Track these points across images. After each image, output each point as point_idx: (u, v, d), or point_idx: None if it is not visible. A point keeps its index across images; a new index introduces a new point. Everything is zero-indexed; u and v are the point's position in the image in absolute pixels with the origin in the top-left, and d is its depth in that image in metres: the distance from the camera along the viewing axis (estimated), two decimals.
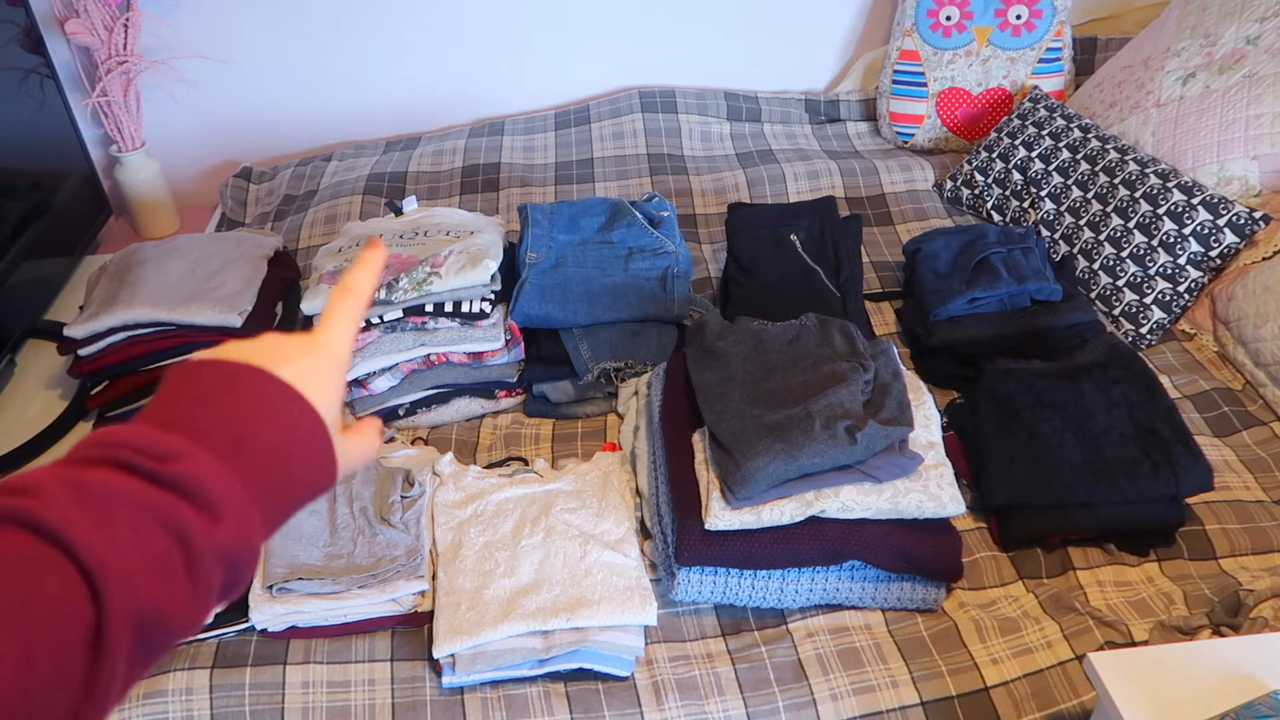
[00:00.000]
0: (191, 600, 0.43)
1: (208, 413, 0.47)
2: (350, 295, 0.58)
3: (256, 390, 0.49)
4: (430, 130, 2.33)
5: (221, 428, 0.47)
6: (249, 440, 0.47)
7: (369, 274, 0.59)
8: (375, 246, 0.60)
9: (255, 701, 1.12)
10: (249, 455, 0.47)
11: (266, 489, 0.47)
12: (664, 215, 1.67)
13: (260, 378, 0.49)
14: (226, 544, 0.44)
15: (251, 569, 0.47)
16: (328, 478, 0.52)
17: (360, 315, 0.58)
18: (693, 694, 1.12)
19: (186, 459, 0.44)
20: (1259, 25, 1.73)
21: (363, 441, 0.57)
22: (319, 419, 0.51)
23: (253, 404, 0.48)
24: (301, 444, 0.50)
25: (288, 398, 0.50)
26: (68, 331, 1.52)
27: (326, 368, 0.53)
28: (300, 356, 0.52)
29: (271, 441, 0.48)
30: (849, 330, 1.37)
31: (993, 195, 1.93)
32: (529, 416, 1.54)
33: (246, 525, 0.46)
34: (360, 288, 0.58)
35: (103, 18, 1.96)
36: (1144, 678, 0.86)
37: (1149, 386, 1.34)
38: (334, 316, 0.57)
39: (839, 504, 1.16)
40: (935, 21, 2.13)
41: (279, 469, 0.48)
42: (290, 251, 1.92)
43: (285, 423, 0.49)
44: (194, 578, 0.43)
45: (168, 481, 0.43)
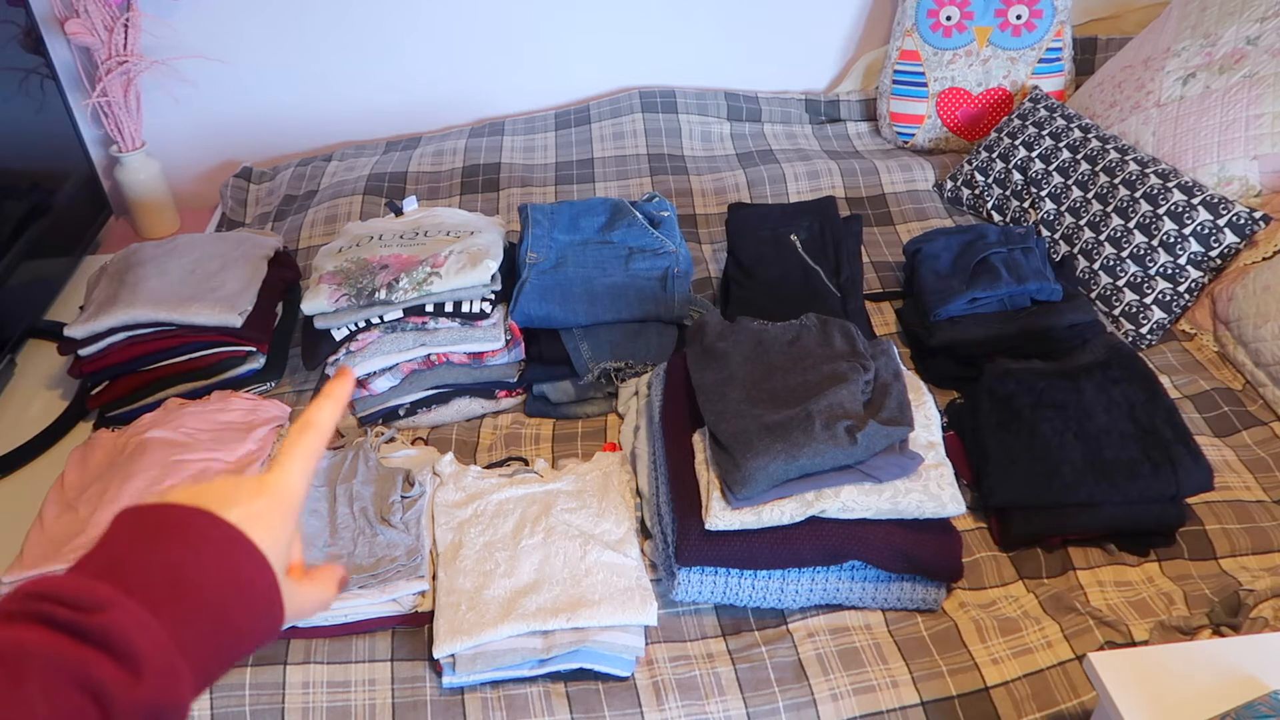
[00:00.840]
0: None
1: (144, 559, 0.46)
2: (310, 431, 0.55)
3: (198, 534, 0.47)
4: (430, 130, 2.33)
5: (157, 575, 0.45)
6: (185, 587, 0.45)
7: (333, 407, 0.57)
8: (343, 377, 0.58)
9: (255, 702, 1.12)
10: (184, 603, 0.45)
11: (201, 639, 0.45)
12: (664, 215, 1.67)
13: (204, 520, 0.48)
14: (149, 700, 0.42)
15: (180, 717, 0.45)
16: (272, 624, 0.50)
17: (321, 450, 0.56)
18: (693, 694, 1.12)
19: (111, 610, 0.42)
20: (1259, 25, 1.73)
21: (318, 590, 0.55)
22: (264, 564, 0.49)
23: (193, 549, 0.47)
24: (244, 591, 0.48)
25: (231, 542, 0.48)
26: (68, 332, 1.52)
27: (277, 510, 0.51)
28: (249, 499, 0.50)
29: (210, 588, 0.46)
30: (849, 330, 1.37)
31: (993, 195, 1.93)
32: (529, 417, 1.54)
33: (172, 680, 0.44)
34: (322, 422, 0.56)
35: (103, 18, 1.96)
36: (1144, 678, 0.86)
37: (1149, 386, 1.34)
38: (290, 454, 0.54)
39: (839, 504, 1.16)
40: (935, 21, 2.13)
41: (217, 617, 0.46)
42: (290, 252, 1.92)
43: (227, 569, 0.47)
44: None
45: (90, 635, 0.42)
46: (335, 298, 1.47)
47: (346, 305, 1.47)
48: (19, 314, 1.80)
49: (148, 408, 1.52)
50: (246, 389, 1.58)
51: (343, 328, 1.48)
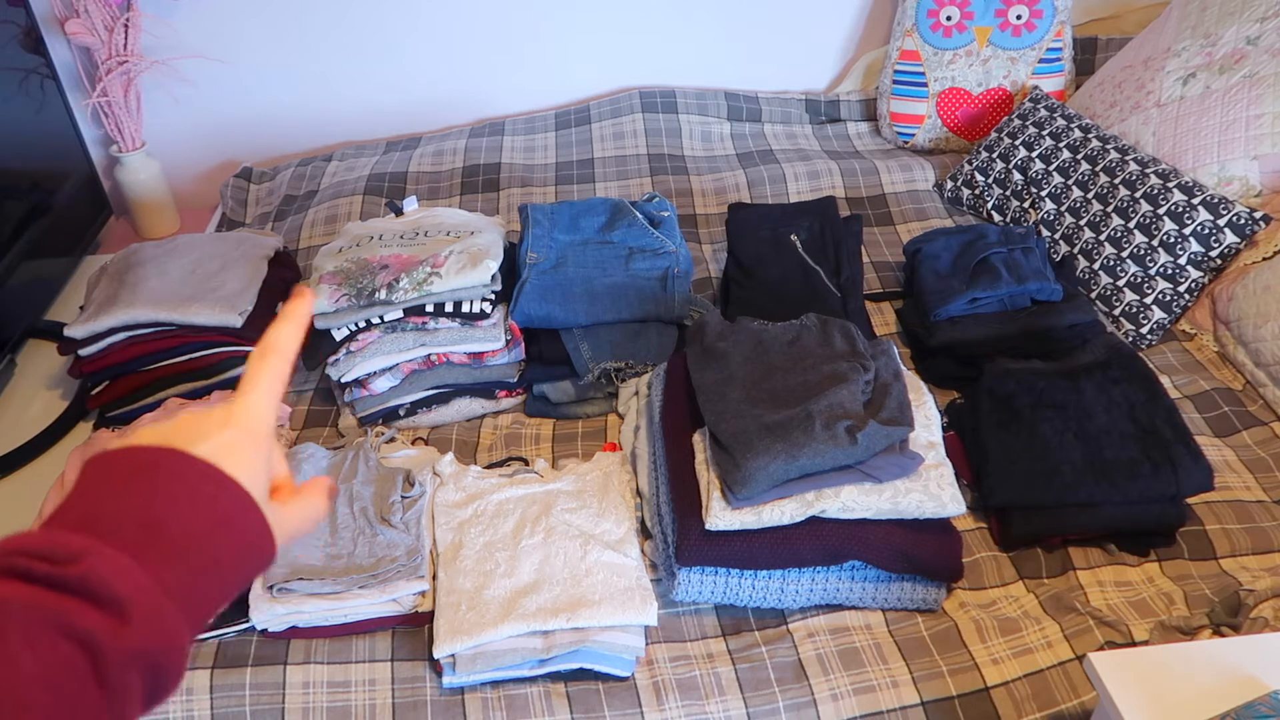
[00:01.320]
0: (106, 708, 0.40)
1: (115, 505, 0.45)
2: (272, 353, 0.54)
3: (167, 473, 0.47)
4: (430, 130, 2.33)
5: (130, 519, 0.44)
6: (161, 527, 0.45)
7: (294, 329, 0.55)
8: (301, 296, 0.56)
9: (255, 702, 1.12)
10: (163, 544, 0.44)
11: (187, 578, 0.45)
12: (664, 215, 1.67)
13: (172, 459, 0.47)
14: (140, 644, 0.42)
15: (178, 666, 0.44)
16: (263, 551, 0.49)
17: (285, 374, 0.54)
18: (693, 694, 1.12)
19: (89, 558, 0.42)
20: (1259, 25, 1.73)
21: (307, 505, 0.54)
22: (242, 492, 0.48)
23: (165, 488, 0.46)
24: (224, 524, 0.47)
25: (203, 475, 0.47)
26: (68, 332, 1.52)
27: (247, 438, 0.50)
28: (216, 430, 0.50)
29: (188, 526, 0.45)
30: (849, 330, 1.37)
31: (993, 195, 1.93)
32: (529, 417, 1.54)
33: (161, 621, 0.43)
34: (283, 344, 0.54)
35: (103, 18, 1.96)
36: (1144, 678, 0.86)
37: (1149, 386, 1.34)
38: (253, 380, 0.53)
39: (839, 504, 1.16)
40: (935, 22, 2.13)
41: (199, 554, 0.45)
42: (291, 252, 1.92)
43: (202, 504, 0.46)
44: (106, 684, 0.40)
45: (70, 585, 0.41)
46: (335, 298, 1.47)
47: (347, 305, 1.47)
48: (19, 314, 1.81)
49: (148, 408, 1.52)
50: None
51: (343, 328, 1.48)
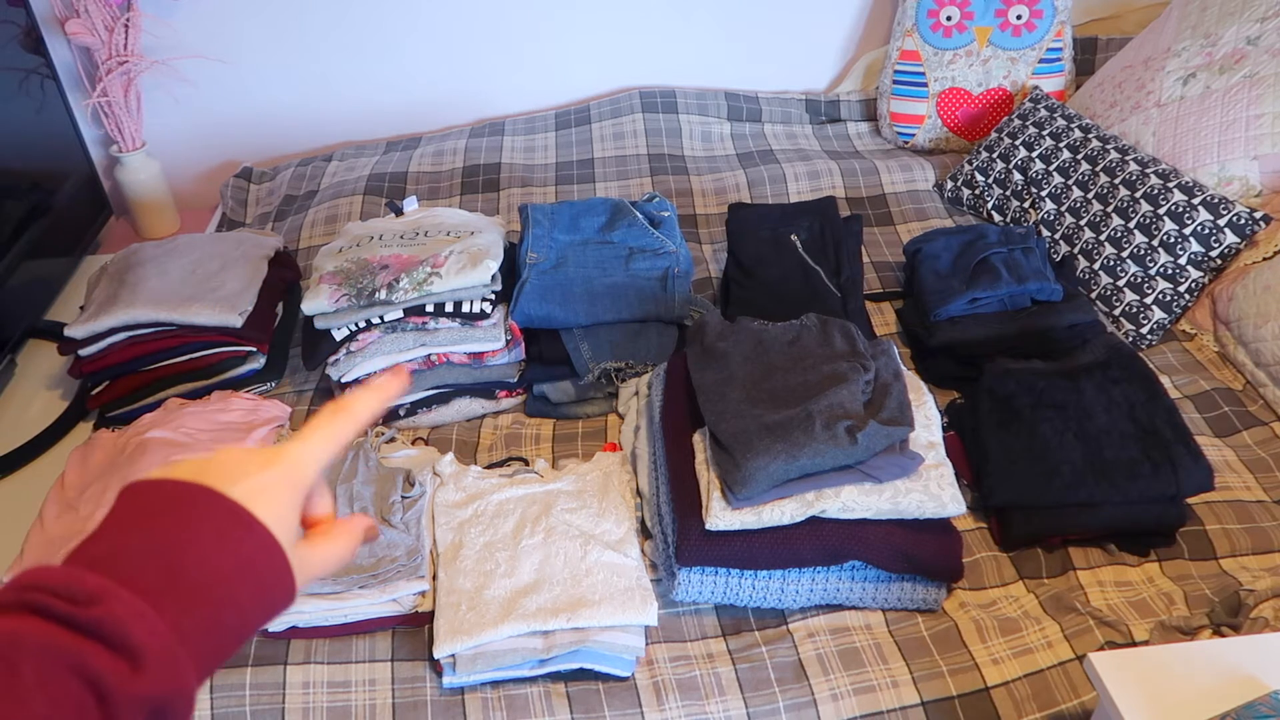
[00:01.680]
0: None
1: (140, 543, 0.45)
2: (344, 415, 0.54)
3: (198, 512, 0.46)
4: (431, 130, 2.33)
5: (153, 560, 0.44)
6: (183, 570, 0.44)
7: (375, 400, 0.55)
8: (399, 375, 0.56)
9: (256, 702, 1.12)
10: (182, 589, 0.44)
11: (203, 623, 0.44)
12: (664, 215, 1.67)
13: (205, 497, 0.47)
14: (149, 691, 0.41)
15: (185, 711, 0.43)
16: (282, 597, 0.49)
17: (348, 438, 0.54)
18: (693, 694, 1.12)
19: (107, 602, 0.41)
20: (1259, 25, 1.73)
21: (335, 545, 0.53)
22: (269, 537, 0.48)
23: (191, 529, 0.45)
24: (246, 569, 0.46)
25: (233, 517, 0.47)
26: (68, 332, 1.52)
27: (286, 483, 0.50)
28: (256, 472, 0.49)
29: (210, 570, 0.45)
30: (849, 330, 1.37)
31: (993, 195, 1.93)
32: (529, 417, 1.54)
33: (173, 669, 0.42)
34: (359, 412, 0.54)
35: (103, 18, 1.96)
36: (1144, 678, 0.86)
37: (1149, 386, 1.34)
38: (315, 432, 0.53)
39: (839, 504, 1.16)
40: (936, 22, 2.13)
41: (218, 599, 0.45)
42: (291, 252, 1.92)
43: (228, 548, 0.46)
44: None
45: (85, 627, 0.41)
46: (335, 298, 1.47)
47: (347, 305, 1.47)
48: (19, 314, 1.81)
49: (148, 408, 1.52)
50: (247, 389, 1.58)
51: (343, 328, 1.48)
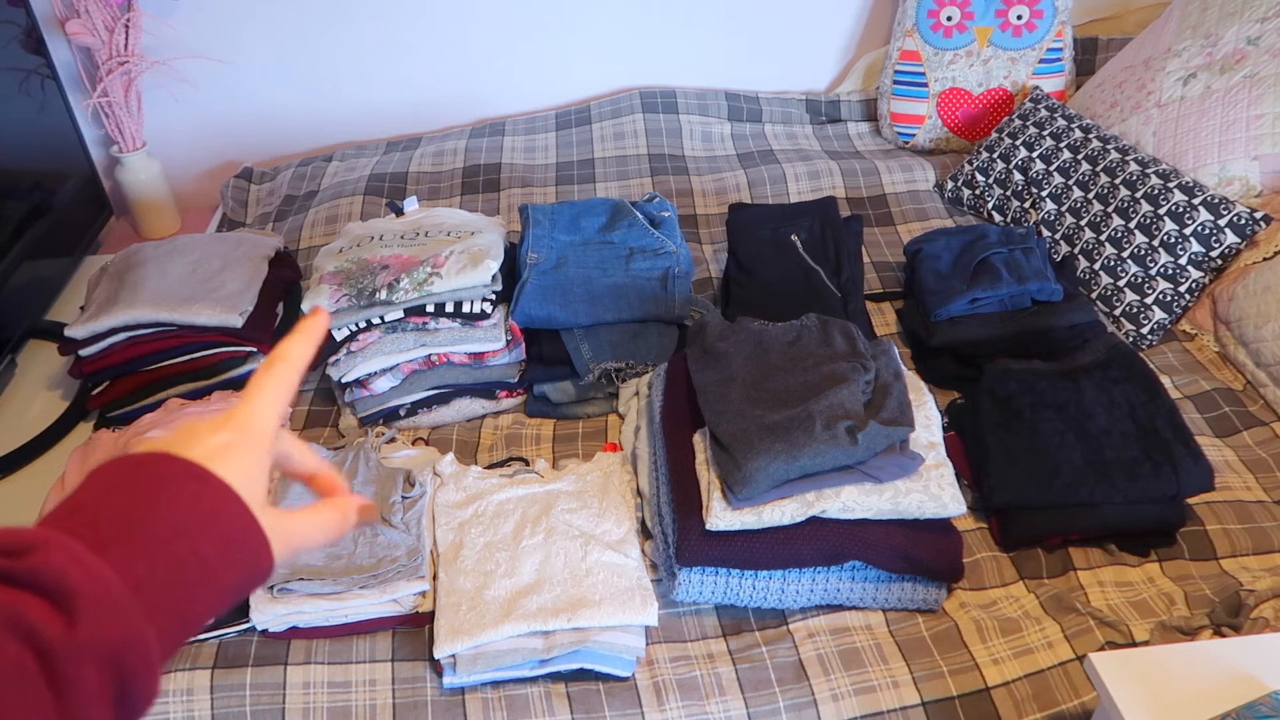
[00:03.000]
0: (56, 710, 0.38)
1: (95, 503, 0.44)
2: (281, 363, 0.54)
3: (153, 473, 0.46)
4: (431, 130, 2.33)
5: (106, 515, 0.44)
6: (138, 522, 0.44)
7: (306, 343, 0.55)
8: (316, 315, 0.56)
9: (256, 702, 1.12)
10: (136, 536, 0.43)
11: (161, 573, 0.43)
12: (665, 215, 1.67)
13: (161, 461, 0.47)
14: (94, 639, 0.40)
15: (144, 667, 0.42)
16: (253, 557, 0.48)
17: (292, 385, 0.54)
18: (694, 694, 1.12)
19: (43, 550, 0.40)
20: (1260, 25, 1.73)
21: (320, 517, 0.53)
22: (227, 490, 0.47)
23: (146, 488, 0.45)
24: (209, 517, 0.46)
25: (188, 473, 0.46)
26: (69, 332, 1.52)
27: (244, 442, 0.50)
28: (210, 435, 0.49)
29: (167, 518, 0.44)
30: (850, 330, 1.37)
31: (994, 195, 1.93)
32: (530, 417, 1.54)
33: (118, 615, 0.41)
34: (295, 356, 0.54)
35: (104, 18, 1.96)
36: (1145, 678, 0.86)
37: (1150, 387, 1.34)
38: (258, 386, 0.53)
39: (840, 504, 1.16)
40: (936, 22, 2.13)
41: (177, 550, 0.44)
42: (291, 252, 1.92)
43: (184, 498, 0.45)
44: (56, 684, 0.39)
45: (19, 578, 0.40)
46: (336, 298, 1.47)
47: (347, 305, 1.47)
48: (20, 314, 1.81)
49: (148, 408, 1.52)
50: None
51: (343, 328, 1.48)
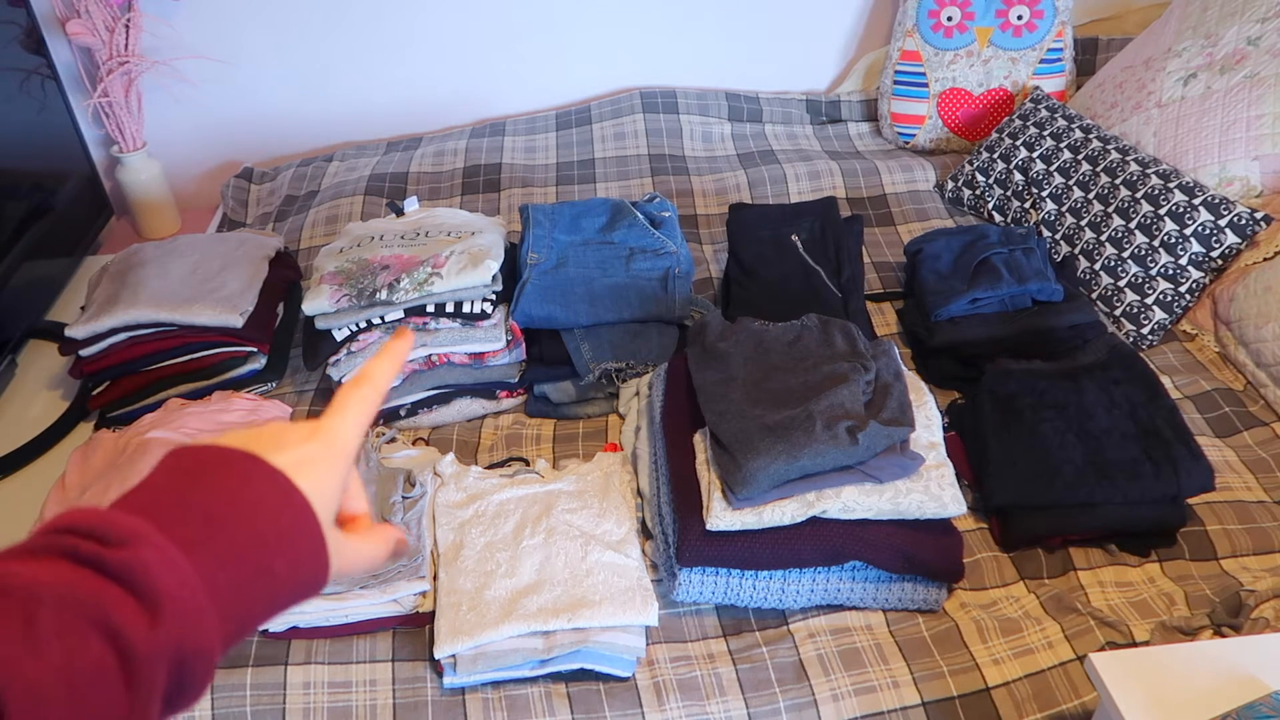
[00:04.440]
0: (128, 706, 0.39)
1: (180, 497, 0.44)
2: (366, 384, 0.55)
3: (239, 475, 0.46)
4: (431, 131, 2.33)
5: (192, 513, 0.43)
6: (220, 527, 0.44)
7: (391, 365, 0.56)
8: (403, 336, 0.57)
9: (256, 702, 1.12)
10: (218, 544, 0.43)
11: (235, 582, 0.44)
12: (665, 216, 1.67)
13: (246, 461, 0.46)
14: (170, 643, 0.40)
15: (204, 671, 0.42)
16: (316, 575, 0.48)
17: (375, 406, 0.55)
18: (694, 694, 1.12)
19: (137, 544, 0.41)
20: (1260, 26, 1.73)
21: (369, 546, 0.53)
22: (307, 510, 0.47)
23: (232, 490, 0.45)
24: (283, 536, 0.46)
25: (273, 483, 0.46)
26: (69, 332, 1.52)
27: (327, 457, 0.50)
28: (298, 444, 0.49)
29: (247, 531, 0.44)
30: (850, 331, 1.37)
31: (994, 196, 1.93)
32: (530, 417, 1.54)
33: (195, 622, 0.41)
34: (378, 377, 0.55)
35: (104, 18, 1.97)
36: (1145, 678, 0.86)
37: (1150, 387, 1.34)
38: (344, 404, 0.53)
39: (840, 504, 1.16)
40: (936, 22, 2.13)
41: (253, 561, 0.44)
42: (291, 252, 1.92)
43: (266, 512, 0.46)
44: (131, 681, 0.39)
45: (111, 570, 0.40)
46: (336, 298, 1.47)
47: (347, 305, 1.47)
48: (20, 314, 1.81)
49: (149, 408, 1.52)
50: (248, 389, 1.58)
51: (344, 328, 1.48)
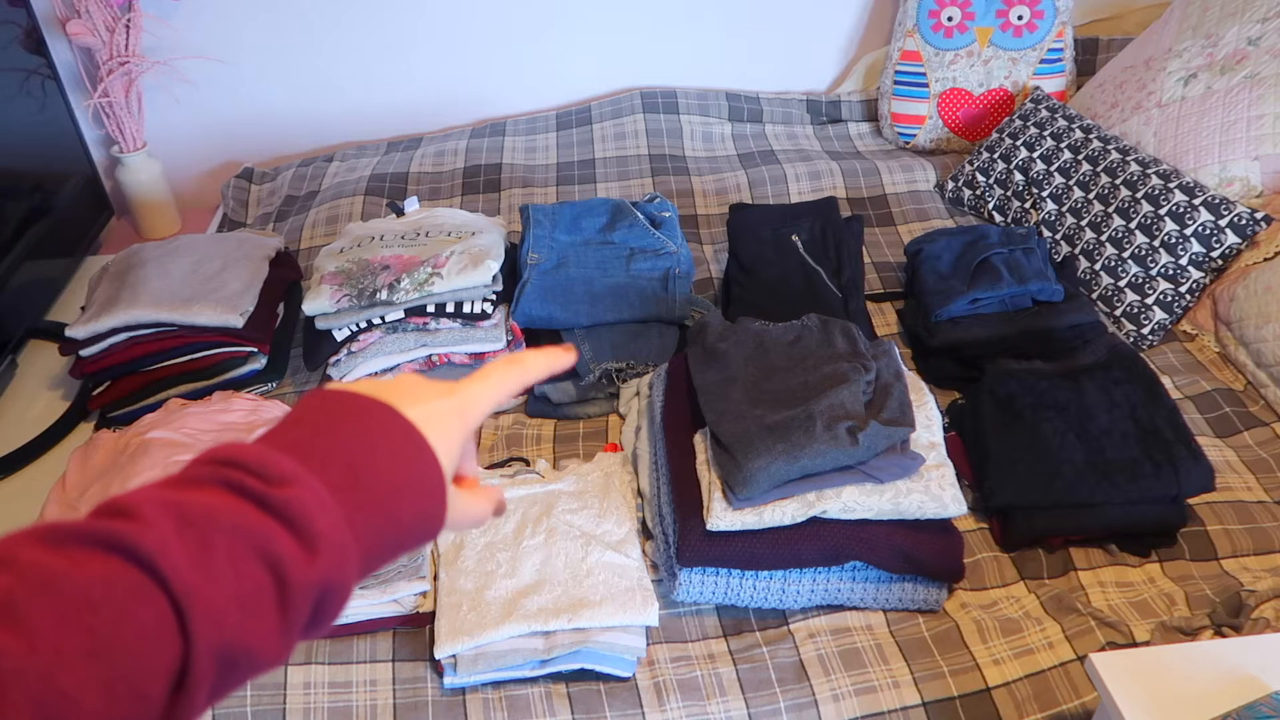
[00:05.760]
0: (280, 635, 0.42)
1: (326, 440, 0.46)
2: (518, 368, 0.57)
3: (378, 425, 0.48)
4: (432, 131, 2.33)
5: (338, 457, 0.46)
6: (362, 474, 0.46)
7: (546, 362, 0.58)
8: (571, 351, 0.60)
9: (256, 702, 1.12)
10: (360, 489, 0.46)
11: (373, 525, 0.46)
12: (665, 216, 1.67)
13: (385, 412, 0.49)
14: (320, 579, 0.43)
15: (339, 608, 0.45)
16: (434, 525, 0.50)
17: (515, 390, 0.57)
18: (694, 694, 1.12)
19: (296, 485, 0.43)
20: (1260, 26, 1.73)
21: (476, 503, 0.55)
22: (435, 463, 0.49)
23: (371, 439, 0.47)
24: (413, 486, 0.48)
25: (407, 435, 0.49)
26: (69, 332, 1.52)
27: (456, 415, 0.52)
28: (432, 399, 0.51)
29: (385, 479, 0.47)
30: (850, 331, 1.37)
31: (994, 196, 1.93)
32: (530, 417, 1.54)
33: (343, 562, 0.44)
34: (530, 365, 0.57)
35: (104, 18, 1.97)
36: (1145, 678, 0.86)
37: (1150, 387, 1.34)
38: (491, 376, 0.55)
39: (840, 504, 1.16)
40: (937, 22, 2.13)
41: (387, 508, 0.47)
42: (292, 252, 1.92)
43: (401, 460, 0.48)
44: (284, 612, 0.42)
45: (274, 507, 0.42)
46: (337, 298, 1.47)
47: (348, 306, 1.47)
48: (20, 314, 1.81)
49: (149, 408, 1.52)
50: (248, 390, 1.58)
51: (344, 328, 1.48)
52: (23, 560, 0.37)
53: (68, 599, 0.36)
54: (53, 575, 0.36)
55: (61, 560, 0.37)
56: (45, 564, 0.37)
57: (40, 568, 0.36)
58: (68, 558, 0.37)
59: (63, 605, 0.36)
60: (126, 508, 0.40)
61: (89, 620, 0.36)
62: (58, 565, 0.37)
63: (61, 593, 0.36)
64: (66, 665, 0.35)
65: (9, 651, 0.34)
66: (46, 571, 0.36)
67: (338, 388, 0.50)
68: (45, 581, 0.36)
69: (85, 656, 0.35)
